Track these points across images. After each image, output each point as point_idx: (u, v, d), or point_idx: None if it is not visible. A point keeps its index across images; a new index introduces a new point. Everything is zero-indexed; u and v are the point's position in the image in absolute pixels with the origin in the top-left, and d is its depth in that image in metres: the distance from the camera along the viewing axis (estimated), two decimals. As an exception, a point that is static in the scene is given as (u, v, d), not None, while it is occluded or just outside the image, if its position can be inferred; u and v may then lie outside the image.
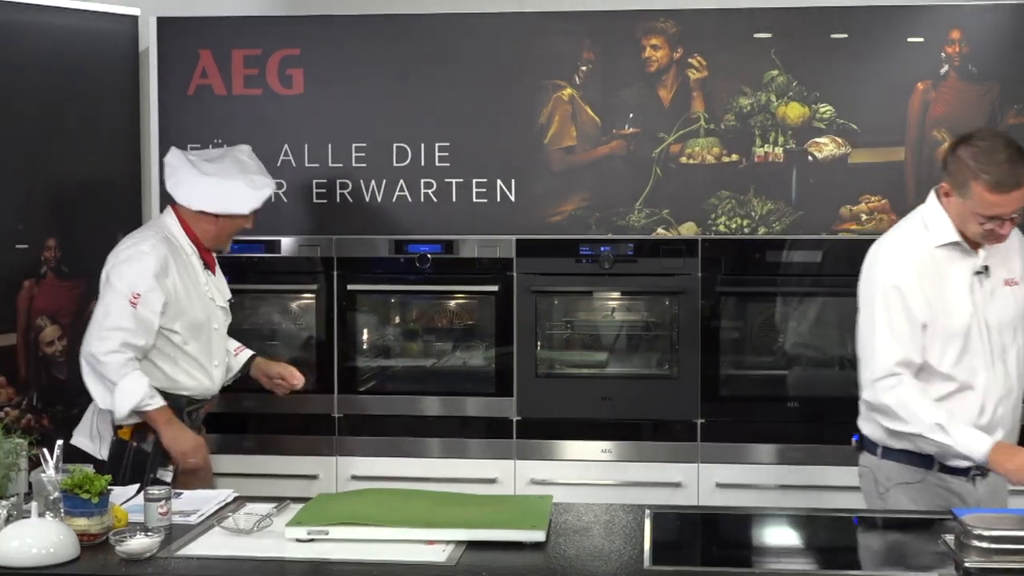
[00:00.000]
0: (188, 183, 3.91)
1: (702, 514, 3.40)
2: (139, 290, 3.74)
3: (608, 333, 4.77)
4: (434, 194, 4.65)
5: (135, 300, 3.73)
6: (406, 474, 4.51)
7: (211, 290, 3.96)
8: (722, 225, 4.53)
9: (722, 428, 4.50)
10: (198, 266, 3.94)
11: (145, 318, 3.75)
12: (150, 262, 3.78)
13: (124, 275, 3.78)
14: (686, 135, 4.56)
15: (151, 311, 3.76)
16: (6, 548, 2.68)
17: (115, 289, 3.77)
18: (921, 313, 3.25)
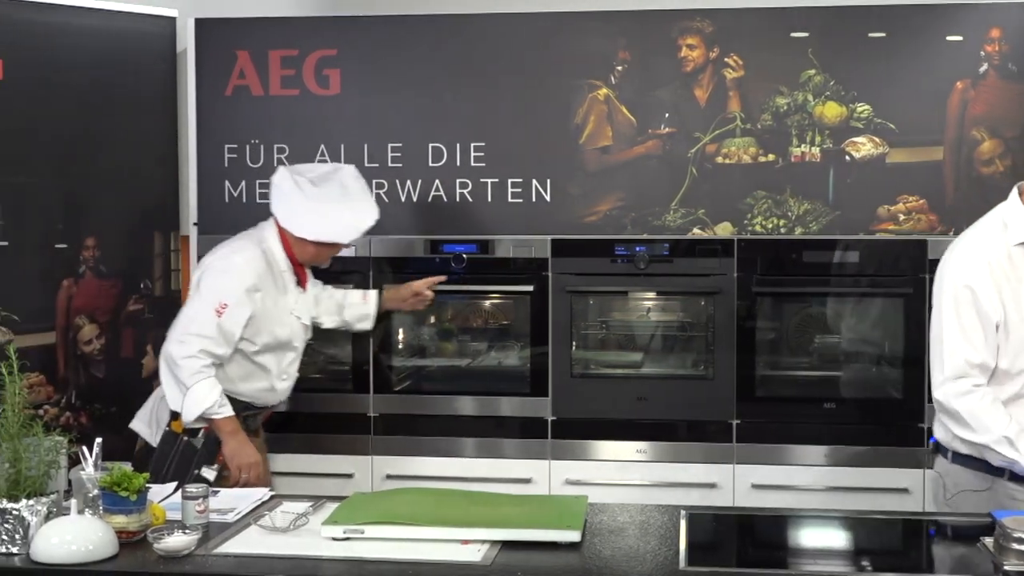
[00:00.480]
0: (291, 206, 3.92)
1: (738, 515, 3.39)
2: (227, 301, 3.78)
3: (643, 333, 4.76)
4: (469, 194, 4.65)
5: (221, 310, 3.77)
6: (441, 473, 4.52)
7: (298, 308, 4.00)
8: (758, 225, 4.51)
9: (758, 429, 4.48)
10: (290, 283, 3.99)
11: (228, 329, 3.78)
12: (244, 275, 3.83)
13: (215, 284, 3.82)
14: (722, 135, 4.54)
15: (235, 323, 3.80)
16: (46, 545, 2.71)
17: (203, 296, 3.81)
18: (994, 312, 3.17)
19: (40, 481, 2.84)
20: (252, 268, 3.86)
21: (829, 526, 3.22)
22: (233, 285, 3.81)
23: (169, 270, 4.94)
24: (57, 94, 4.55)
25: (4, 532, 2.77)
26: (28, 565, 2.72)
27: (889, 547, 3.12)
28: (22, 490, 2.81)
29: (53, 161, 4.56)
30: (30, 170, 4.49)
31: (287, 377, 4.06)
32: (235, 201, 4.76)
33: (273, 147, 4.74)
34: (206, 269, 3.90)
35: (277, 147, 4.74)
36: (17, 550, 2.77)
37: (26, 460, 2.82)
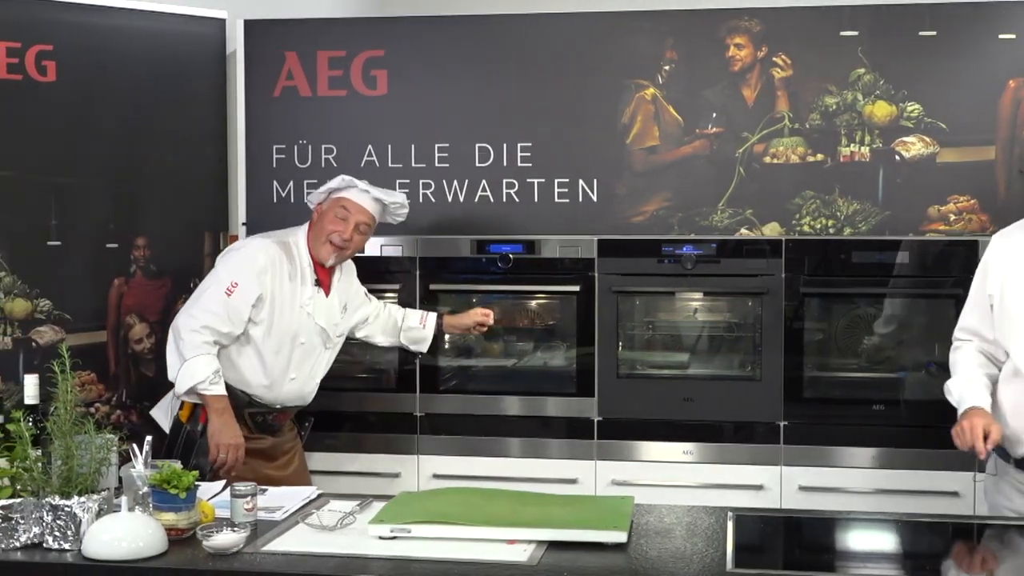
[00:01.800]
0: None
1: (785, 517, 3.37)
2: (237, 280, 3.86)
3: (690, 334, 4.74)
4: (516, 194, 4.66)
5: (231, 289, 3.84)
6: (486, 473, 4.53)
7: (314, 307, 4.00)
8: (806, 225, 4.49)
9: (805, 430, 4.45)
10: (308, 278, 4.01)
11: (236, 307, 3.84)
12: (255, 257, 3.90)
13: (228, 264, 3.93)
14: (770, 135, 4.52)
15: (244, 302, 3.84)
16: (97, 542, 2.74)
17: (216, 275, 3.92)
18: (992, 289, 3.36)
19: (91, 478, 2.87)
20: (265, 252, 3.93)
21: (877, 529, 3.20)
22: (244, 265, 3.89)
23: (218, 270, 4.97)
24: (108, 95, 4.60)
25: (56, 529, 2.81)
26: (80, 561, 2.75)
27: (938, 551, 3.10)
28: (74, 487, 2.84)
29: (104, 162, 4.61)
30: (82, 171, 4.54)
31: (297, 378, 4.03)
32: (283, 201, 4.80)
33: (321, 147, 4.77)
34: (224, 253, 4.03)
35: (325, 147, 4.77)
36: (69, 546, 2.81)
37: (78, 458, 2.85)
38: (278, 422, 4.09)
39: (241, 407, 3.94)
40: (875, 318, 4.50)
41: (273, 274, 3.91)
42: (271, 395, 4.00)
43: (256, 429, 4.01)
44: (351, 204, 4.02)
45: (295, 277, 3.97)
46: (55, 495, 2.83)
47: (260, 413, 4.02)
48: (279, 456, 4.12)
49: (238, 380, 3.94)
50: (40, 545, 2.84)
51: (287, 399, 4.05)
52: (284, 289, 3.93)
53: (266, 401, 4.00)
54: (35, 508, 2.85)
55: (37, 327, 4.45)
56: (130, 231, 4.69)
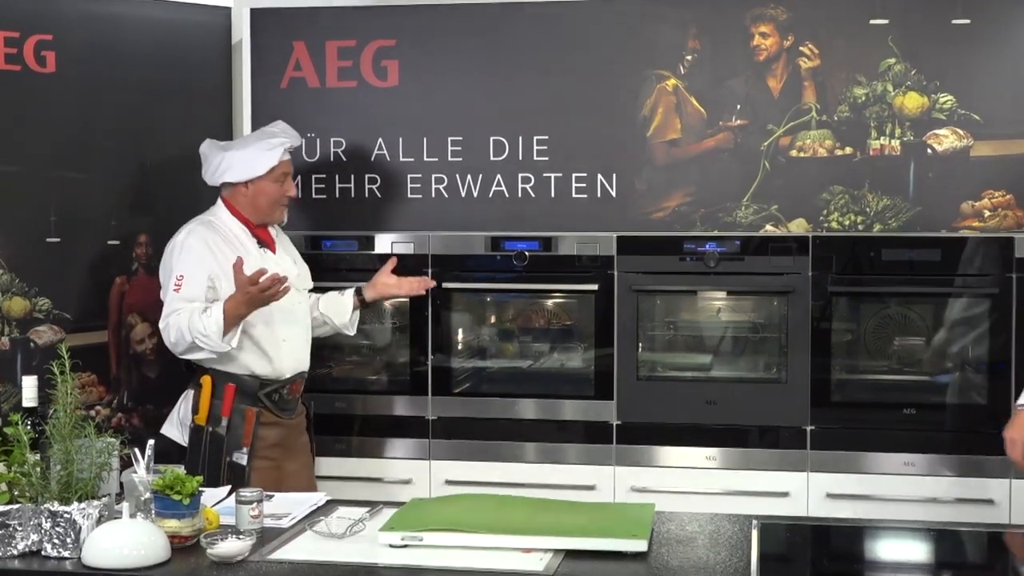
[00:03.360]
0: (212, 163, 4.15)
1: (812, 526, 3.36)
2: (181, 272, 3.96)
3: (713, 335, 4.74)
4: (532, 189, 4.66)
5: (179, 283, 3.95)
6: (501, 479, 4.52)
7: (268, 266, 4.01)
8: (834, 222, 4.47)
9: (833, 435, 4.44)
10: (250, 244, 4.10)
11: (191, 295, 3.93)
12: (186, 243, 4.01)
13: (166, 266, 4.05)
14: (797, 127, 4.50)
15: (196, 285, 3.93)
16: (97, 549, 2.75)
17: (164, 285, 4.03)
18: None
19: (92, 484, 2.87)
20: (194, 236, 4.03)
21: (908, 538, 3.19)
22: (179, 256, 4.00)
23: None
24: (109, 87, 4.61)
25: (56, 536, 2.82)
26: (80, 570, 2.76)
27: (973, 562, 3.08)
28: (74, 493, 2.85)
29: (105, 156, 4.62)
30: (82, 165, 4.56)
31: (288, 340, 4.12)
32: (290, 196, 4.79)
33: (330, 140, 4.77)
34: (163, 261, 4.10)
35: (334, 140, 4.77)
36: (69, 554, 2.81)
37: (78, 462, 2.86)
38: (292, 395, 4.16)
39: (254, 392, 4.04)
40: (906, 318, 4.49)
41: (211, 250, 4.01)
42: (275, 367, 4.09)
43: (276, 409, 4.09)
44: (287, 165, 4.17)
45: (233, 245, 4.06)
46: (54, 501, 2.84)
47: (273, 390, 4.09)
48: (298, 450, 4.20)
49: (242, 367, 4.03)
50: (39, 553, 2.84)
51: (290, 365, 4.13)
52: (230, 259, 3.97)
53: (273, 376, 4.09)
54: (33, 514, 2.85)
55: (36, 327, 4.46)
56: (132, 228, 4.70)
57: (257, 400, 4.05)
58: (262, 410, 4.05)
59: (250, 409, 4.02)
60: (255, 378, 4.05)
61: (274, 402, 4.10)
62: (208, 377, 4.02)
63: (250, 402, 4.03)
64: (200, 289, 3.94)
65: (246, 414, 4.01)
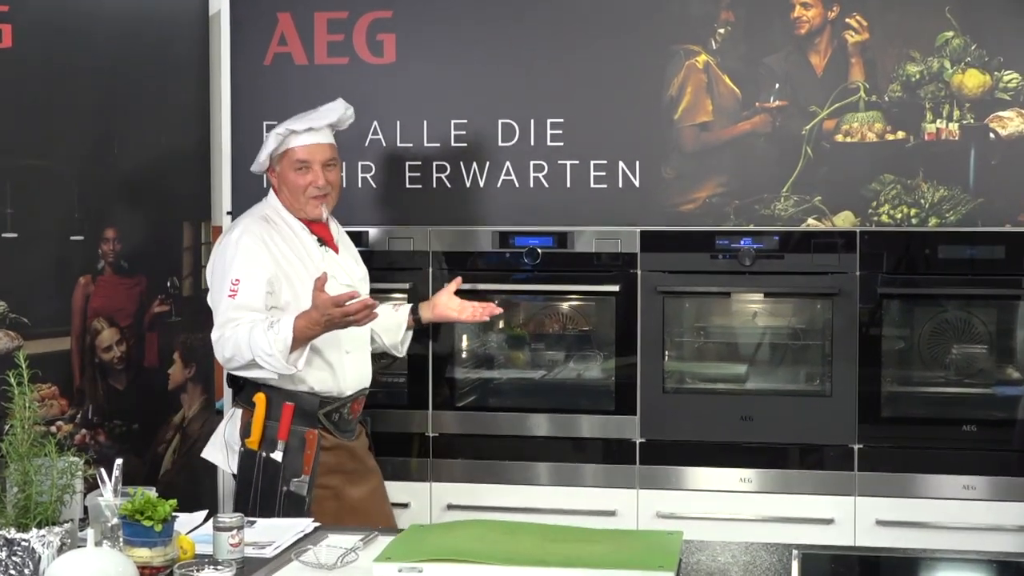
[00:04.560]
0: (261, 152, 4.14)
1: (860, 556, 3.36)
2: (237, 276, 3.91)
3: (748, 342, 4.74)
4: (545, 178, 4.66)
5: (234, 287, 3.89)
6: (510, 504, 4.53)
7: (330, 266, 4.02)
8: (885, 215, 4.48)
9: (883, 455, 4.44)
10: (309, 242, 4.07)
11: (247, 302, 3.87)
12: (242, 242, 3.95)
13: (217, 267, 4.00)
14: (843, 109, 4.51)
15: (254, 291, 3.88)
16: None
17: (216, 288, 3.98)
18: None
19: (52, 508, 2.87)
20: (249, 232, 3.98)
21: (968, 572, 3.18)
22: (236, 258, 3.94)
23: (199, 266, 4.98)
24: (72, 64, 4.61)
25: (12, 566, 2.82)
26: (39, 604, 2.76)
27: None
28: (32, 518, 2.85)
29: (68, 141, 4.62)
30: (42, 152, 4.55)
31: (352, 351, 4.06)
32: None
33: (319, 124, 4.77)
34: (212, 260, 4.07)
35: (323, 124, 4.77)
36: (26, 586, 2.81)
37: (37, 484, 2.85)
38: (352, 414, 4.13)
39: (314, 411, 3.99)
40: (966, 323, 4.49)
41: (270, 250, 3.96)
42: (338, 383, 4.05)
43: (335, 431, 4.06)
44: (303, 151, 4.07)
45: (293, 245, 4.03)
46: (10, 527, 2.83)
47: (334, 410, 4.06)
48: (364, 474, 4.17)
49: (301, 383, 3.98)
50: (-7, 585, 2.85)
51: (353, 381, 4.10)
52: (290, 261, 3.98)
53: (334, 392, 4.05)
54: (-13, 542, 2.85)
55: (-10, 333, 4.47)
56: (98, 222, 4.70)
57: (316, 420, 3.99)
58: (321, 431, 3.99)
59: (311, 431, 3.96)
60: (315, 396, 4.00)
61: (333, 423, 4.04)
62: (262, 395, 3.95)
63: (308, 423, 3.97)
64: (259, 295, 3.89)
65: (306, 437, 3.95)
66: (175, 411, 4.91)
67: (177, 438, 4.90)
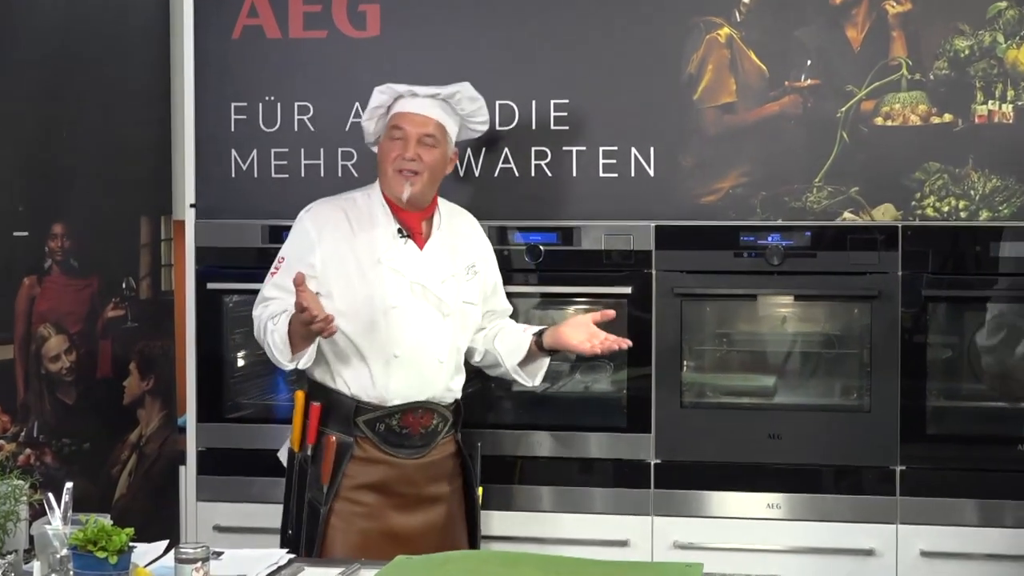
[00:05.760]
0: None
1: (903, 591, 3.37)
2: (284, 254, 4.09)
3: (777, 350, 4.75)
4: (548, 166, 4.66)
5: (277, 267, 4.07)
6: (509, 532, 4.54)
7: (400, 260, 4.04)
8: (930, 208, 4.48)
9: (929, 478, 4.44)
10: (384, 229, 4.09)
11: (286, 284, 3.92)
12: (301, 222, 4.13)
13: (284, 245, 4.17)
14: (882, 88, 4.51)
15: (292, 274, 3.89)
16: (1, 619, 2.75)
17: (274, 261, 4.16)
18: None
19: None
20: (313, 212, 4.14)
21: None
22: (292, 237, 4.13)
23: (159, 266, 4.99)
24: (15, 39, 4.60)
25: (-52, 602, 2.82)
26: (-22, 645, 2.76)
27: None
28: (-29, 548, 2.85)
29: (10, 125, 4.61)
30: (-19, 136, 4.57)
31: (401, 354, 4.01)
32: (244, 175, 4.80)
33: (293, 105, 4.78)
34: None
35: (299, 106, 4.78)
36: (-36, 625, 2.81)
37: (-24, 510, 2.86)
38: (408, 428, 4.08)
39: (348, 416, 4.02)
40: (1021, 329, 4.49)
41: (329, 233, 4.05)
42: (377, 388, 4.03)
43: (383, 444, 4.04)
44: (399, 117, 4.14)
45: (361, 228, 4.08)
46: (-53, 559, 2.84)
47: (377, 419, 4.03)
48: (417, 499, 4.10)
49: (338, 381, 4.04)
50: (-73, 624, 2.85)
51: (401, 390, 4.05)
52: (352, 246, 4.04)
53: (373, 399, 4.03)
54: (-79, 575, 2.85)
55: (-77, 341, 4.47)
56: (45, 216, 4.70)
57: (352, 427, 4.01)
58: (358, 440, 4.00)
59: (329, 436, 3.99)
60: (351, 399, 4.02)
61: (378, 433, 4.03)
62: (302, 392, 4.07)
63: (342, 428, 4.00)
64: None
65: (326, 443, 3.98)
66: (131, 428, 4.91)
67: (134, 459, 4.91)
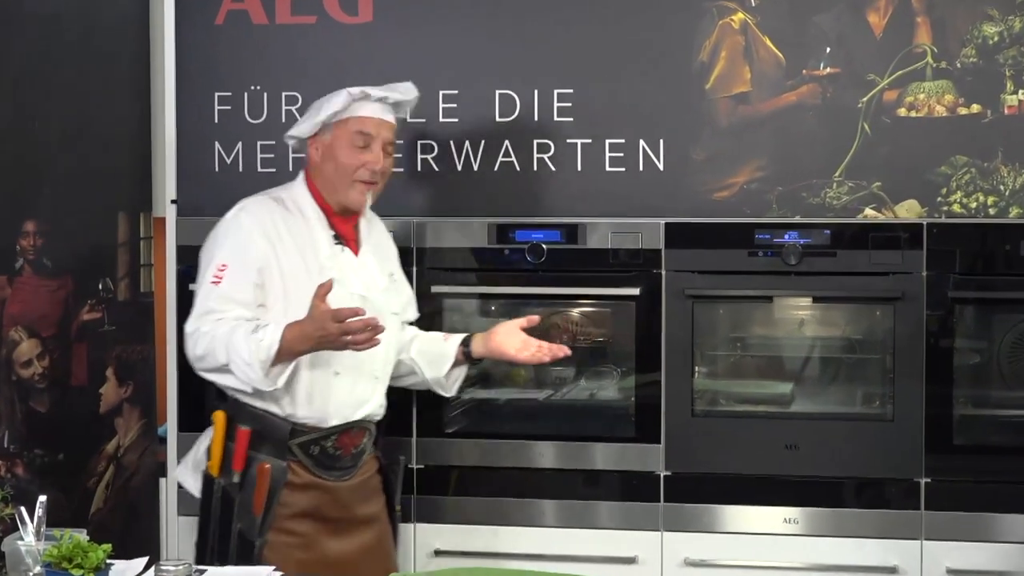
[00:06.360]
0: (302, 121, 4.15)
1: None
2: (224, 261, 3.91)
3: (794, 356, 4.76)
4: (551, 160, 4.67)
5: (219, 274, 3.90)
6: (509, 549, 4.56)
7: (340, 269, 4.00)
8: (957, 204, 4.48)
9: (956, 491, 4.44)
10: (321, 237, 4.04)
11: (230, 294, 3.87)
12: (239, 221, 3.98)
13: (210, 246, 4.00)
14: (906, 77, 4.52)
15: (241, 282, 3.88)
16: (-30, 642, 2.73)
17: (201, 271, 3.98)
18: None
19: (-38, 554, 2.86)
20: (248, 213, 4.00)
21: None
22: (227, 237, 3.96)
23: (138, 265, 4.98)
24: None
25: (-86, 624, 2.80)
26: (-54, 669, 2.74)
27: None
28: (-62, 566, 2.84)
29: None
30: (-52, 129, 4.56)
31: (341, 372, 4.00)
32: (228, 170, 4.81)
33: (281, 95, 4.79)
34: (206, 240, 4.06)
35: (286, 95, 4.79)
36: (-69, 648, 2.80)
37: (-57, 525, 2.85)
38: (341, 449, 4.07)
39: (283, 439, 3.95)
40: (1055, 333, 4.51)
41: (269, 234, 3.95)
42: (316, 409, 4.00)
43: (316, 468, 4.01)
44: (371, 123, 4.06)
45: (298, 235, 4.01)
46: (-88, 577, 2.82)
47: (312, 441, 4.01)
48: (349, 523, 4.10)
49: (270, 400, 3.94)
50: None
51: (338, 409, 4.04)
52: (291, 254, 3.97)
53: (311, 420, 4.00)
54: None
55: None
56: (15, 213, 4.69)
57: (287, 451, 3.96)
58: (291, 465, 3.96)
59: (263, 463, 3.92)
60: (286, 421, 3.97)
61: (312, 457, 4.00)
62: (222, 413, 3.96)
63: (275, 453, 3.94)
64: (247, 286, 3.89)
65: (259, 470, 3.92)
66: (108, 438, 4.90)
67: (111, 470, 4.89)
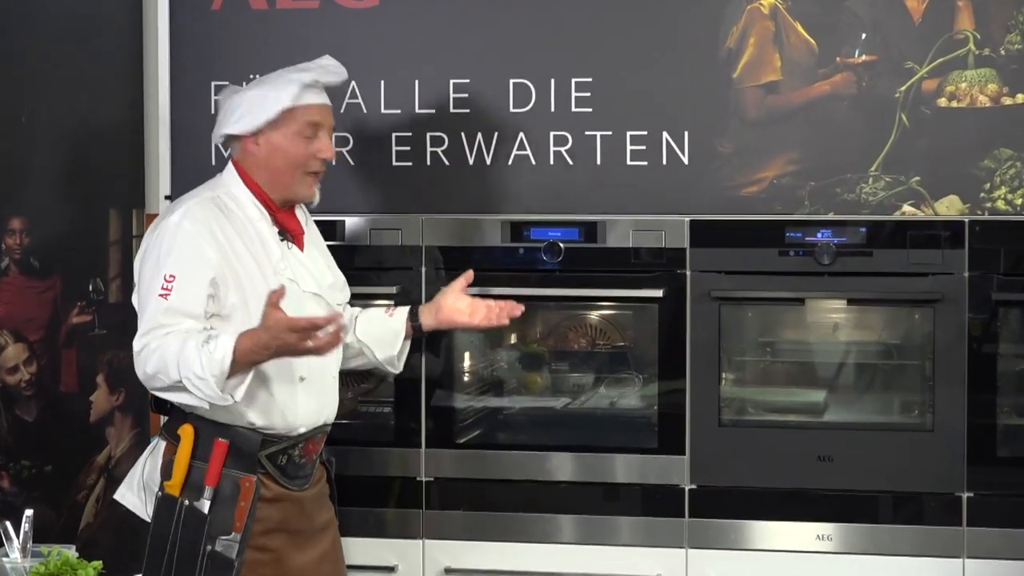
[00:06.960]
0: (221, 112, 4.08)
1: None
2: (172, 272, 3.83)
3: (828, 362, 4.76)
4: (569, 154, 4.66)
5: (167, 287, 3.82)
6: (524, 567, 4.56)
7: (292, 269, 4.00)
8: (1001, 201, 4.47)
9: (1000, 506, 4.43)
10: (268, 235, 4.02)
11: (181, 307, 3.81)
12: (182, 229, 3.88)
13: (150, 257, 3.91)
14: (947, 65, 4.50)
15: (192, 295, 3.82)
16: (-49, 665, 2.72)
17: (145, 285, 3.90)
18: None
19: (-56, 571, 2.85)
20: (192, 218, 3.92)
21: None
22: (174, 249, 3.87)
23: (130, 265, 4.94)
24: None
25: None
26: None
27: None
28: (-83, 584, 2.83)
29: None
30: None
31: (307, 376, 4.00)
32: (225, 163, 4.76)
33: (282, 85, 4.76)
34: (142, 248, 4.00)
35: (287, 85, 4.76)
36: (-90, 671, 2.78)
37: (-76, 540, 2.84)
38: (306, 457, 4.07)
39: (253, 451, 3.93)
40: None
41: (217, 241, 3.91)
42: (286, 417, 3.99)
43: (282, 478, 4.00)
44: (317, 112, 4.05)
45: (246, 236, 3.97)
46: None
47: (280, 451, 4.00)
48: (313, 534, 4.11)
49: (237, 416, 3.91)
50: None
51: (306, 416, 4.04)
52: (241, 257, 3.93)
53: (280, 429, 3.99)
54: None
55: None
56: (1, 209, 4.69)
57: (256, 463, 3.93)
58: (261, 478, 3.94)
59: (247, 477, 3.90)
60: (256, 433, 3.94)
61: (280, 467, 3.99)
62: (190, 428, 3.90)
63: (245, 466, 3.91)
64: (198, 298, 3.83)
65: (241, 484, 3.89)
66: (99, 449, 4.89)
67: (102, 483, 4.89)
